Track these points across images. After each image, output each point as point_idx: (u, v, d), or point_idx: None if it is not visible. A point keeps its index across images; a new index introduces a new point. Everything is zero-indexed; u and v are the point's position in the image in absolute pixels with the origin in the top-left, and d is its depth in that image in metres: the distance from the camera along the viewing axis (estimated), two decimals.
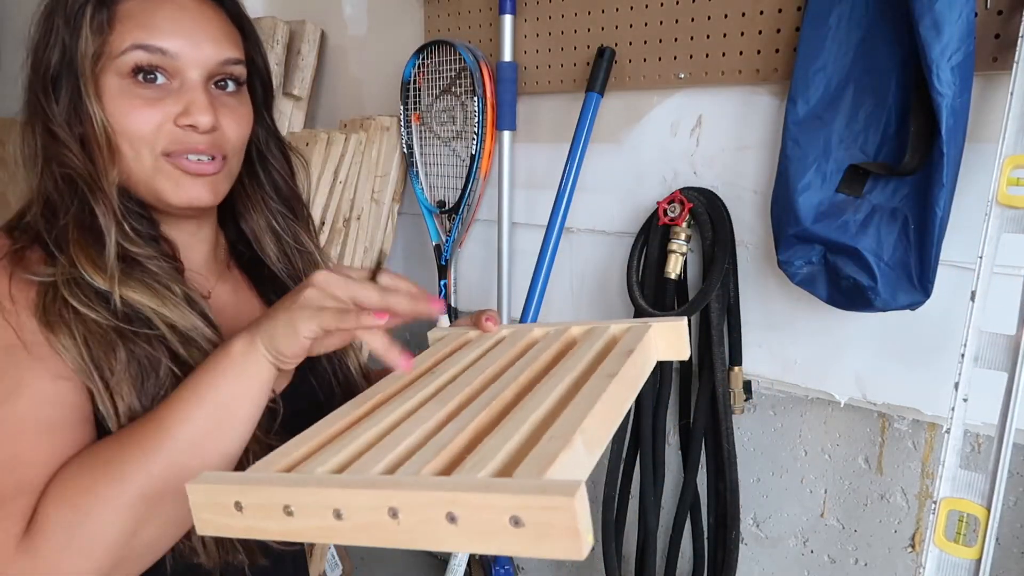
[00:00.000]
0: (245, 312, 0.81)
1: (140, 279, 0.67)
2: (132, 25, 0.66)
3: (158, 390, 0.65)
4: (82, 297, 0.64)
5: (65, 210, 0.67)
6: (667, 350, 0.64)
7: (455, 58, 1.56)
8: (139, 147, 0.67)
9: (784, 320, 1.27)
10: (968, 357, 0.96)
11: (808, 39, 1.10)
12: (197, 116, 0.67)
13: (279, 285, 0.82)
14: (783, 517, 1.33)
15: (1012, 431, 0.92)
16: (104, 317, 0.64)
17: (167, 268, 0.69)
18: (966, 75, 0.96)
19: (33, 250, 0.68)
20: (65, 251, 0.66)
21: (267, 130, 0.82)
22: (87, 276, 0.65)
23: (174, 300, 0.68)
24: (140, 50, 0.66)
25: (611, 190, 1.45)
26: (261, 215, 0.82)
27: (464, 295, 1.75)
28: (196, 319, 0.68)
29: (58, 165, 0.67)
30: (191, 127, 0.67)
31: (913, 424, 1.17)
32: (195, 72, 0.68)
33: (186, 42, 0.67)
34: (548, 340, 0.66)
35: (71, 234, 0.66)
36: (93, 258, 0.66)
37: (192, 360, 0.66)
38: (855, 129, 1.08)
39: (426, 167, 1.70)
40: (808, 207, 1.10)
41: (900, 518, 1.20)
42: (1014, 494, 1.09)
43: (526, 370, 0.59)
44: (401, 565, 1.96)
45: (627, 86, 1.38)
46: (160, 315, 0.66)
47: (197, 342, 0.67)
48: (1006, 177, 0.94)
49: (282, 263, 0.83)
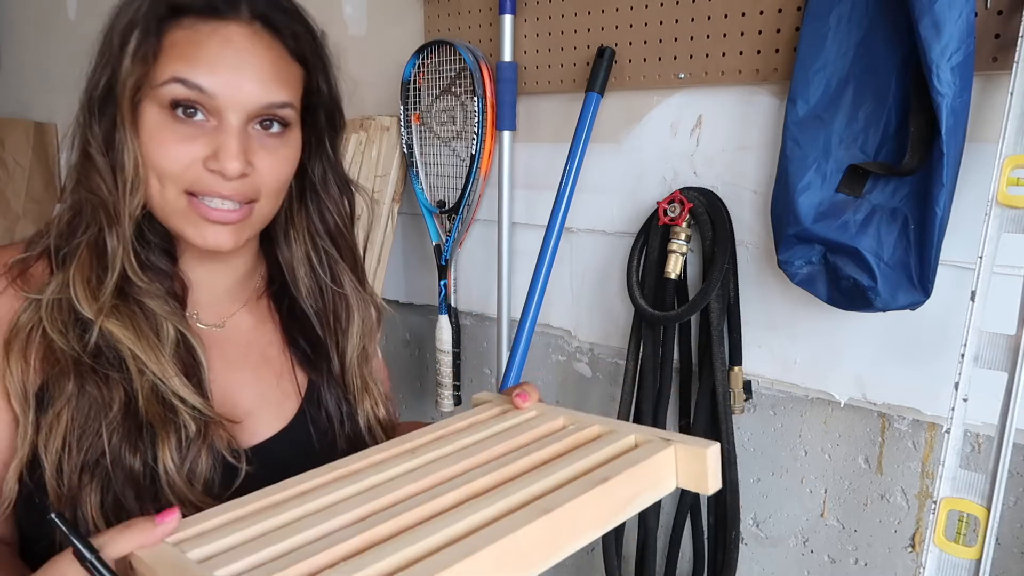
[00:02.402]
0: (258, 346, 0.78)
1: (130, 314, 0.65)
2: (175, 56, 0.64)
3: (95, 439, 0.62)
4: (57, 321, 0.63)
5: (83, 231, 0.66)
6: (687, 479, 0.55)
7: (455, 58, 1.56)
8: (166, 183, 0.65)
9: (784, 320, 1.26)
10: (968, 357, 0.96)
11: (808, 39, 1.10)
12: (225, 163, 0.64)
13: (306, 323, 0.79)
14: (783, 517, 1.33)
15: (1012, 431, 0.92)
16: (70, 346, 0.63)
17: (167, 308, 0.67)
18: (966, 75, 0.96)
19: (41, 263, 0.67)
20: (65, 270, 0.65)
21: (326, 163, 0.77)
22: (75, 300, 0.63)
23: (155, 343, 0.65)
24: (179, 84, 0.63)
25: (611, 190, 1.45)
26: (301, 247, 0.78)
27: (464, 295, 1.75)
28: (170, 368, 0.65)
29: (87, 188, 0.66)
30: (218, 172, 0.65)
31: (913, 424, 1.17)
32: (233, 115, 0.65)
33: (228, 81, 0.64)
34: (562, 434, 0.62)
35: (80, 255, 0.65)
36: (89, 284, 0.64)
37: (147, 416, 0.63)
38: (855, 129, 1.08)
39: (426, 167, 1.70)
40: (808, 207, 1.10)
41: (900, 518, 1.20)
42: (1014, 494, 1.09)
43: (514, 463, 0.55)
44: None
45: (627, 86, 1.38)
46: (135, 356, 0.64)
47: (161, 395, 0.65)
48: (1006, 177, 0.94)
49: (312, 299, 0.79)
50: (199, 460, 0.65)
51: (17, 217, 2.74)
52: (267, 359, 0.78)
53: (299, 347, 0.79)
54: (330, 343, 0.79)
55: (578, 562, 1.65)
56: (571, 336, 1.57)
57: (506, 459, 0.57)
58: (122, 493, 0.63)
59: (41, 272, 0.67)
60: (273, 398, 0.76)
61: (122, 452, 0.63)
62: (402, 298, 1.89)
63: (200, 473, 0.65)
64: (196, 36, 0.64)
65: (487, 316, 1.71)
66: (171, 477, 0.64)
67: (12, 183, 2.76)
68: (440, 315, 1.69)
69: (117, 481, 0.62)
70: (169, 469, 0.63)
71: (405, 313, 1.90)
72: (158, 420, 0.64)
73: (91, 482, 0.62)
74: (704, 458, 0.54)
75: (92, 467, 0.62)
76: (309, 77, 0.72)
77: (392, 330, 1.92)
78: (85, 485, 0.62)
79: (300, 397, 0.77)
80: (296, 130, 0.71)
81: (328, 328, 0.80)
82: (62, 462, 0.62)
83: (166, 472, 0.63)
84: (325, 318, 0.80)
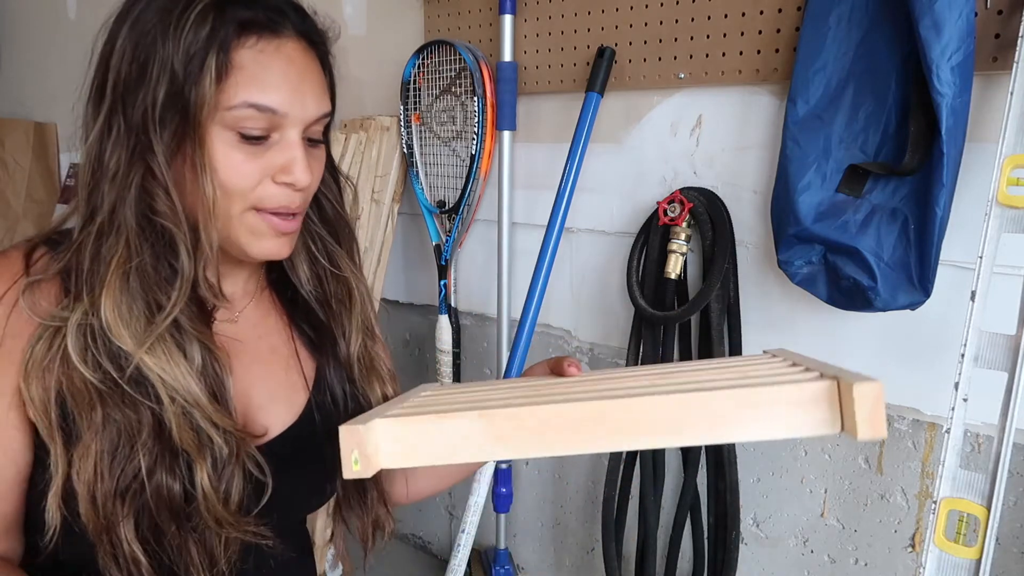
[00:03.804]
0: (267, 339, 0.78)
1: (161, 338, 0.63)
2: (245, 78, 0.63)
3: (126, 464, 0.61)
4: (87, 350, 0.61)
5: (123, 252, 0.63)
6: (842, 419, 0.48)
7: (455, 58, 1.56)
8: (232, 199, 0.65)
9: (784, 320, 1.26)
10: (968, 357, 0.96)
11: (808, 39, 1.10)
12: (298, 175, 0.66)
13: (309, 310, 0.80)
14: (783, 517, 1.33)
15: (1012, 431, 0.92)
16: (97, 377, 0.61)
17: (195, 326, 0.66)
18: (966, 75, 0.96)
19: (50, 281, 0.65)
20: (93, 295, 0.62)
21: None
22: (108, 330, 0.61)
23: (185, 369, 0.64)
24: (252, 108, 0.63)
25: (611, 190, 1.45)
26: (299, 237, 0.78)
27: (464, 295, 1.75)
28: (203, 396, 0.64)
29: (149, 207, 0.63)
30: (289, 185, 0.66)
31: (913, 424, 1.17)
32: (295, 129, 0.66)
33: (293, 99, 0.65)
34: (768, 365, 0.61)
35: (111, 279, 0.62)
36: (125, 314, 0.62)
37: (181, 443, 0.63)
38: (855, 129, 1.08)
39: (426, 167, 1.70)
40: (808, 207, 1.10)
41: (900, 518, 1.20)
42: (1014, 494, 1.09)
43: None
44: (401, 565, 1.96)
45: (627, 86, 1.38)
46: (165, 384, 0.63)
47: (194, 420, 0.64)
48: (1006, 177, 0.94)
49: (311, 285, 0.79)
50: (234, 481, 0.66)
51: (17, 217, 2.74)
52: (274, 349, 0.79)
53: (304, 333, 0.80)
54: (335, 327, 0.80)
55: (578, 562, 1.66)
56: (571, 336, 1.57)
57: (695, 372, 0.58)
58: (159, 517, 0.63)
59: (50, 292, 0.65)
60: (282, 392, 0.77)
61: (160, 477, 0.62)
62: (402, 298, 1.89)
63: (235, 493, 0.66)
64: (263, 57, 0.64)
65: (487, 316, 1.71)
66: (209, 500, 0.64)
67: (12, 183, 2.76)
68: (440, 315, 1.69)
69: (155, 505, 0.62)
70: (207, 492, 0.64)
71: (405, 313, 1.90)
72: (192, 446, 0.63)
73: (123, 507, 0.62)
74: (852, 393, 0.46)
75: (124, 492, 0.62)
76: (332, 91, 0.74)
77: (392, 330, 1.92)
78: (119, 511, 0.62)
79: (308, 389, 0.78)
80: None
81: (332, 312, 0.80)
82: (96, 491, 0.61)
83: (205, 496, 0.64)
84: (327, 303, 0.80)
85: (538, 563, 1.75)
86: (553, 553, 1.71)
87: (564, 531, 1.68)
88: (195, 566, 0.65)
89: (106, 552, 0.62)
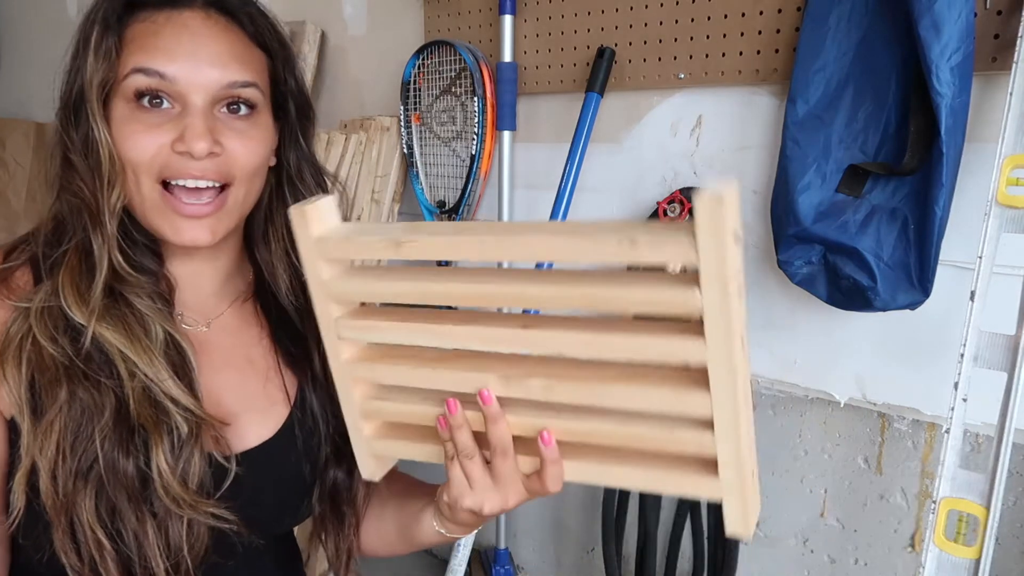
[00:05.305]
0: (243, 349, 0.77)
1: (121, 316, 0.65)
2: (135, 48, 0.65)
3: (88, 445, 0.62)
4: (49, 329, 0.64)
5: (69, 237, 0.66)
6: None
7: (455, 58, 1.56)
8: (140, 174, 0.65)
9: (784, 320, 1.27)
10: (968, 357, 0.96)
11: (808, 39, 1.10)
12: (192, 142, 0.64)
13: (288, 321, 0.78)
14: (783, 517, 1.33)
15: (1012, 431, 0.92)
16: (61, 353, 0.63)
17: (155, 308, 0.67)
18: (965, 75, 0.96)
19: (24, 272, 0.68)
20: (54, 278, 0.65)
21: (300, 155, 0.77)
22: (65, 306, 0.64)
23: (147, 345, 0.65)
24: (140, 74, 0.64)
25: (611, 190, 1.45)
26: (280, 244, 0.77)
27: None
28: (163, 370, 0.65)
29: (69, 193, 0.66)
30: (186, 153, 0.65)
31: (913, 424, 1.17)
32: (197, 96, 0.65)
33: (187, 65, 0.65)
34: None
35: (68, 261, 0.65)
36: (79, 289, 0.65)
37: (138, 419, 0.64)
38: (855, 129, 1.08)
39: (426, 167, 1.70)
40: (808, 207, 1.10)
41: (900, 518, 1.21)
42: (1014, 494, 1.09)
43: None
44: (401, 565, 1.96)
45: (627, 86, 1.38)
46: (126, 359, 0.64)
47: (153, 398, 0.65)
48: (1006, 177, 0.94)
49: (292, 295, 0.78)
50: (192, 461, 0.65)
51: (17, 217, 2.74)
52: (251, 361, 0.77)
53: (285, 348, 0.78)
54: (311, 339, 0.78)
55: (578, 562, 1.66)
56: None
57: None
58: (116, 497, 0.63)
59: (25, 281, 0.67)
60: (259, 403, 0.75)
61: (115, 457, 0.63)
62: None
63: (193, 474, 0.65)
64: (153, 27, 0.65)
65: None
66: (165, 479, 0.64)
67: (12, 183, 2.76)
68: None
69: (111, 486, 0.62)
70: (163, 471, 0.63)
71: None
72: (150, 422, 0.64)
73: (85, 488, 0.62)
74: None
75: (86, 473, 0.62)
76: (274, 65, 0.72)
77: None
78: (80, 491, 0.62)
79: (289, 404, 0.77)
80: (265, 114, 0.71)
81: (309, 324, 0.78)
82: (56, 469, 0.62)
83: (160, 475, 0.63)
84: (308, 313, 0.78)
85: (538, 563, 1.75)
86: (553, 553, 1.71)
87: (564, 531, 1.68)
88: (153, 554, 0.64)
89: (65, 534, 0.62)
